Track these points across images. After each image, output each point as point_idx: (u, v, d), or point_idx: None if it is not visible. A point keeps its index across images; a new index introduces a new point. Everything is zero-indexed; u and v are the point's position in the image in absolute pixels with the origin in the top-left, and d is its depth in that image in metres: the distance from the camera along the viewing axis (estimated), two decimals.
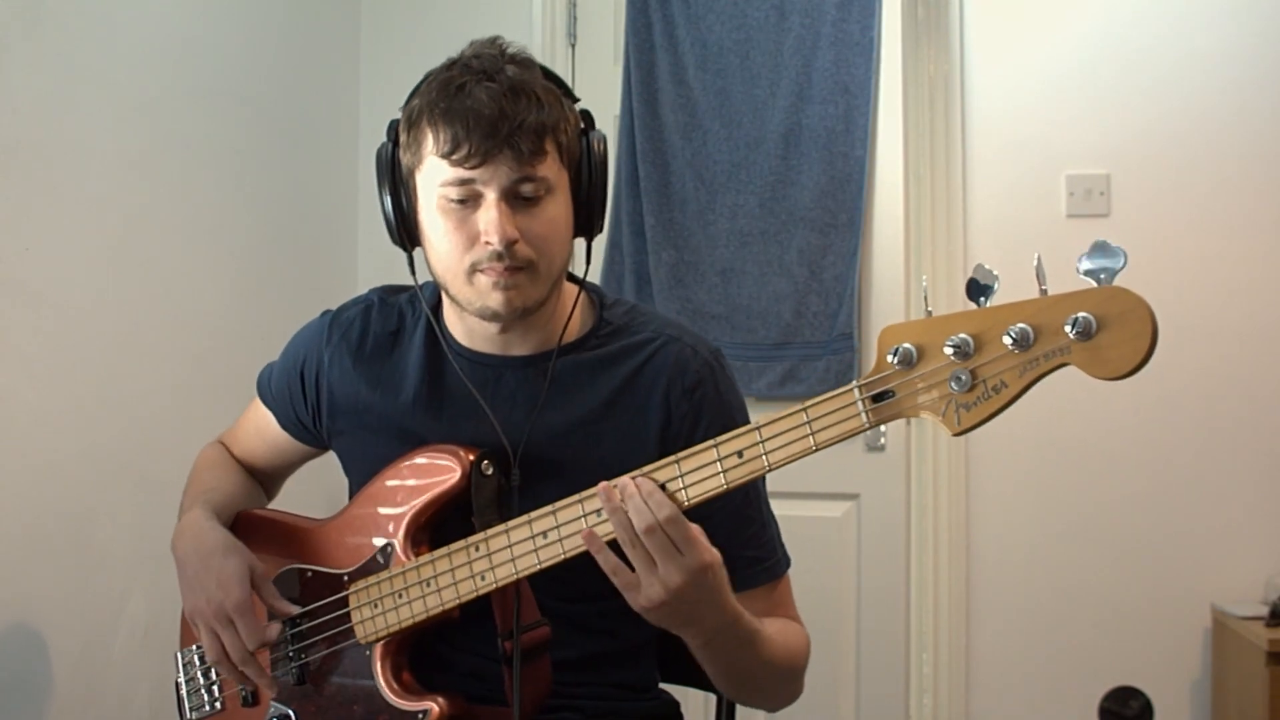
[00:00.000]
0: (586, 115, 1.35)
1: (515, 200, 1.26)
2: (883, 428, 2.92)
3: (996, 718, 2.89)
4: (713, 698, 1.56)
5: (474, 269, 1.27)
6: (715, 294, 2.98)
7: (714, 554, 1.16)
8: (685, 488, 1.16)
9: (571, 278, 1.41)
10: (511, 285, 1.27)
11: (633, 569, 1.15)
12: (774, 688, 1.36)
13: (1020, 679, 2.87)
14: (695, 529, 1.15)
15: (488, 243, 1.25)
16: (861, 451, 2.92)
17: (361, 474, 1.41)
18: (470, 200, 1.26)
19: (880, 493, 2.92)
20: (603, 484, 1.16)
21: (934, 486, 2.92)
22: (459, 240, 1.27)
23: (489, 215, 1.24)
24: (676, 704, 1.50)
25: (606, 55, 3.17)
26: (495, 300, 1.27)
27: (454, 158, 1.23)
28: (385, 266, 3.22)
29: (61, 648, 2.14)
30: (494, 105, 1.22)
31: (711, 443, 1.15)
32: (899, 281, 2.94)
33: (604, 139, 1.35)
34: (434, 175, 1.27)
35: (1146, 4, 2.86)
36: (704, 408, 1.33)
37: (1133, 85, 2.85)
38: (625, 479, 1.16)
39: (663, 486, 1.15)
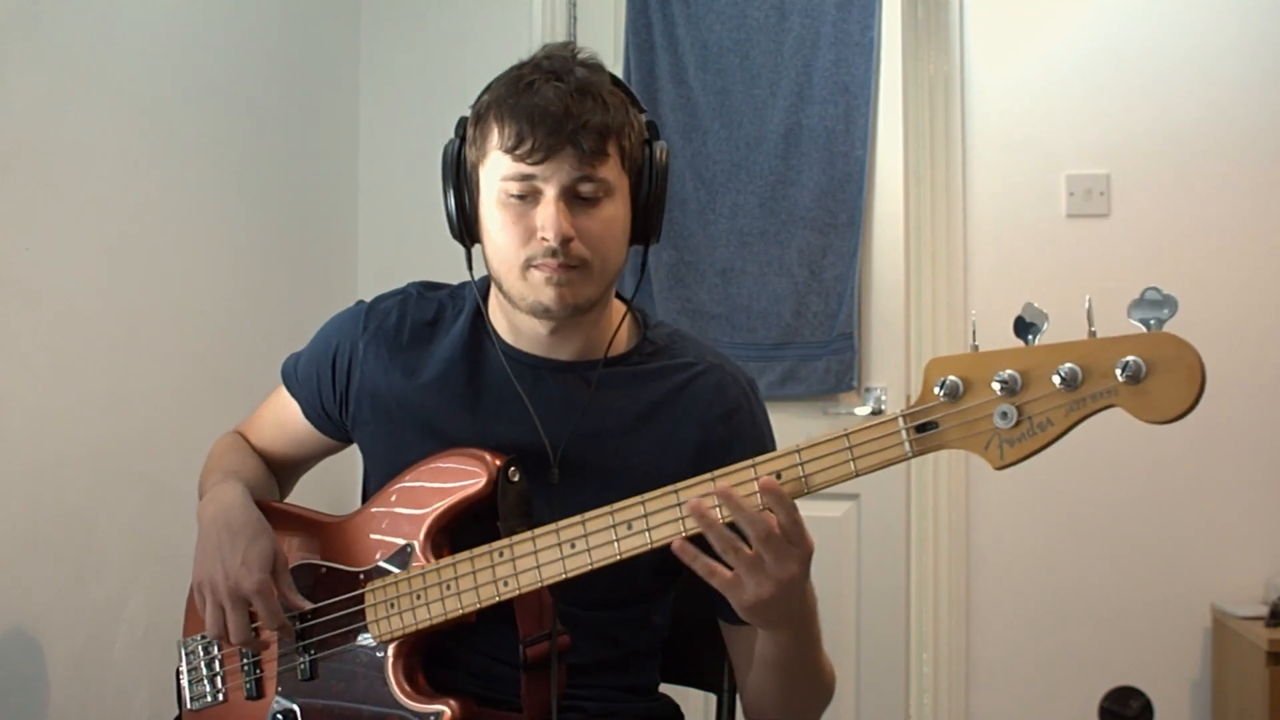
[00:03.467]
0: (651, 125, 1.37)
1: (574, 199, 1.27)
2: None
3: (996, 718, 2.89)
4: (713, 698, 1.56)
5: (529, 264, 1.28)
6: (715, 294, 2.98)
7: (812, 538, 1.15)
8: (720, 505, 1.14)
9: (618, 295, 1.43)
10: (564, 282, 1.28)
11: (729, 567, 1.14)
12: (814, 710, 1.37)
13: (1020, 679, 2.87)
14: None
15: (544, 239, 1.26)
16: None
17: (383, 465, 1.41)
18: (530, 196, 1.27)
19: (880, 493, 2.91)
20: (693, 500, 1.14)
21: (934, 486, 2.92)
22: (516, 234, 1.28)
23: (547, 212, 1.26)
24: (677, 706, 1.50)
25: (606, 55, 3.13)
26: (547, 296, 1.29)
27: (517, 152, 1.25)
28: (386, 267, 3.23)
29: (61, 648, 2.14)
30: (560, 103, 1.24)
31: (749, 462, 1.15)
32: (899, 281, 2.95)
33: (666, 149, 1.37)
34: (496, 169, 1.29)
35: (1146, 4, 2.85)
36: (740, 433, 1.35)
37: (1133, 85, 2.84)
38: (726, 485, 1.13)
39: (778, 475, 1.13)
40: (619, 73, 3.07)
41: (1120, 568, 2.81)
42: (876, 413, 2.90)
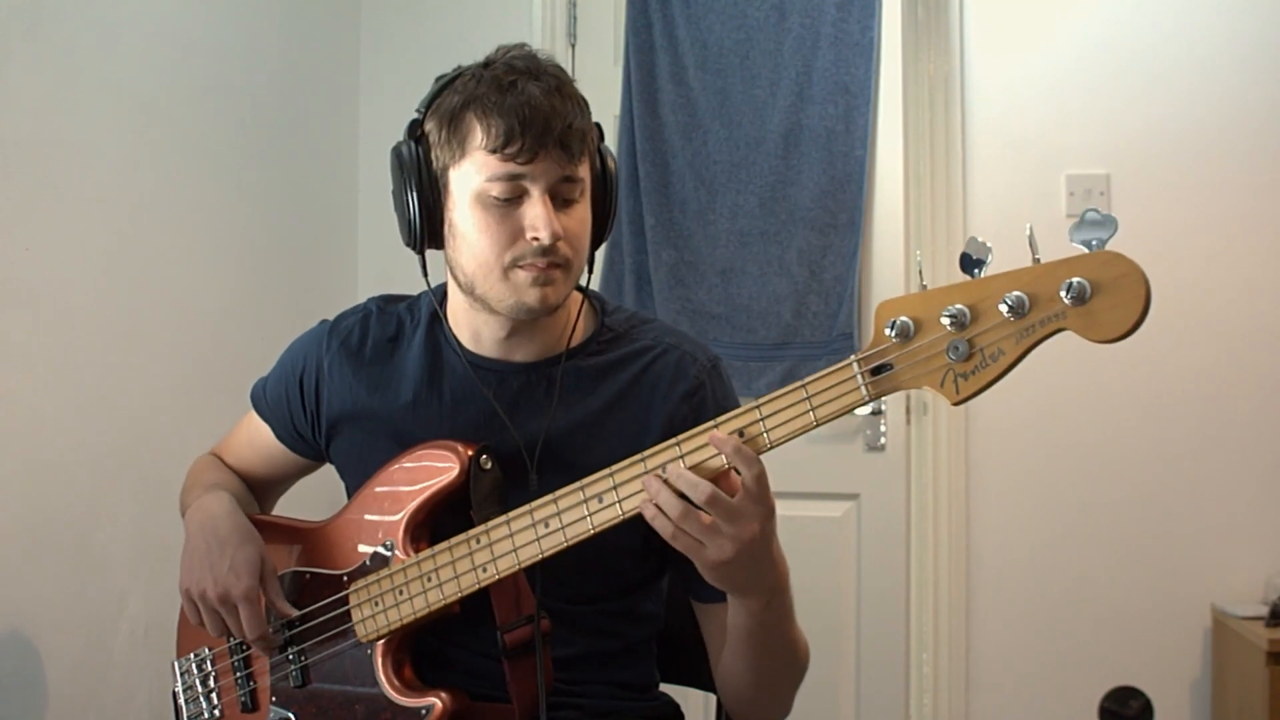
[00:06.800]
0: (599, 127, 1.37)
1: (555, 199, 1.28)
2: (882, 427, 2.93)
3: (996, 718, 2.89)
4: (713, 698, 1.56)
5: (514, 264, 1.28)
6: (715, 294, 2.98)
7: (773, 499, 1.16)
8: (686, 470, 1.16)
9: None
10: (549, 281, 1.28)
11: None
12: (788, 686, 1.37)
13: (1020, 679, 2.87)
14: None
15: (535, 238, 1.26)
16: (861, 451, 2.92)
17: (358, 478, 1.41)
18: (514, 197, 1.27)
19: (880, 493, 2.91)
20: (646, 478, 1.16)
21: (934, 486, 2.92)
22: (500, 235, 1.27)
23: (537, 211, 1.26)
24: (677, 705, 1.50)
25: (606, 55, 3.17)
26: (532, 296, 1.29)
27: (506, 151, 1.24)
28: (385, 268, 3.22)
29: (61, 649, 2.14)
30: (547, 102, 1.24)
31: (711, 424, 1.16)
32: (899, 281, 2.94)
33: (610, 152, 1.38)
34: (478, 170, 1.27)
35: (1146, 4, 2.85)
36: (703, 412, 1.33)
37: (1133, 85, 2.84)
38: (667, 462, 1.16)
39: (741, 433, 1.14)
40: (619, 73, 3.08)
41: (1120, 568, 2.81)
42: (876, 413, 2.90)
